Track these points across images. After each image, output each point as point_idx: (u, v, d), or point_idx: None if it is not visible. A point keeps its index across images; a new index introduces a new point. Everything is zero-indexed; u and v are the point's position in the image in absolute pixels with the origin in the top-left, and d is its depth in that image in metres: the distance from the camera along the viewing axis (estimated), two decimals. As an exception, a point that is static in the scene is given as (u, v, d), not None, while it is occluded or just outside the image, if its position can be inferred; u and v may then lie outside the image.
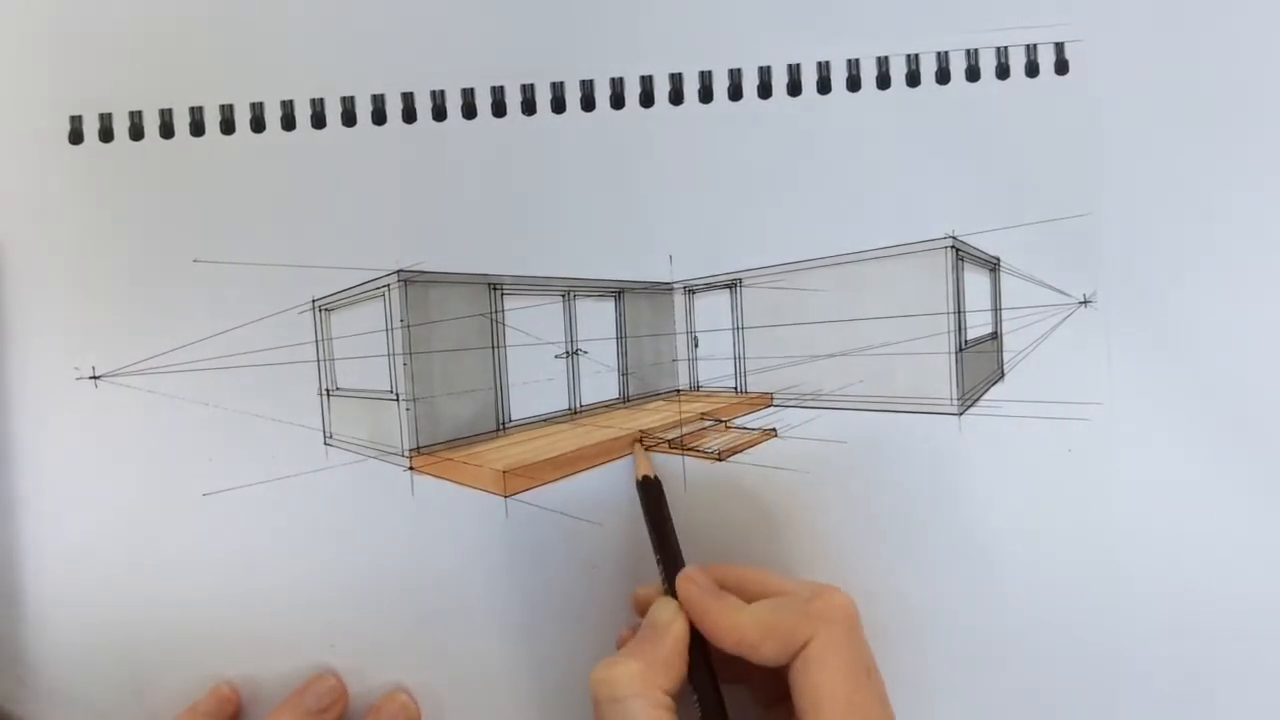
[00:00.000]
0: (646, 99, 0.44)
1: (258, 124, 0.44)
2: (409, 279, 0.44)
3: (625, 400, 0.45)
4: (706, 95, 0.44)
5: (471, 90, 0.44)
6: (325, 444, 0.44)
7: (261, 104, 0.44)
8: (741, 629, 0.37)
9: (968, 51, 0.44)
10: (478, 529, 0.44)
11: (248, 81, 0.44)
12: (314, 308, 0.44)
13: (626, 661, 0.37)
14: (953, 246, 0.44)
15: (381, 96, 0.44)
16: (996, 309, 0.44)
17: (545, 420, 0.45)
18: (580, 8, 0.44)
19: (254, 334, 0.44)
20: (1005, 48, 0.44)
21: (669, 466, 0.44)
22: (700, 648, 0.38)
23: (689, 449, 0.45)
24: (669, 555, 0.40)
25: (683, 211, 0.44)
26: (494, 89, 0.44)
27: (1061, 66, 0.44)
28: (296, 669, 0.44)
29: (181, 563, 0.44)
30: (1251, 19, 0.44)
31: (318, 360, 0.44)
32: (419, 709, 0.44)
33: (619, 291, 0.44)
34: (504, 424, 0.45)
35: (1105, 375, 0.44)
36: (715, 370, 0.45)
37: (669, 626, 0.38)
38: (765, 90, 0.44)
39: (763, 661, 0.37)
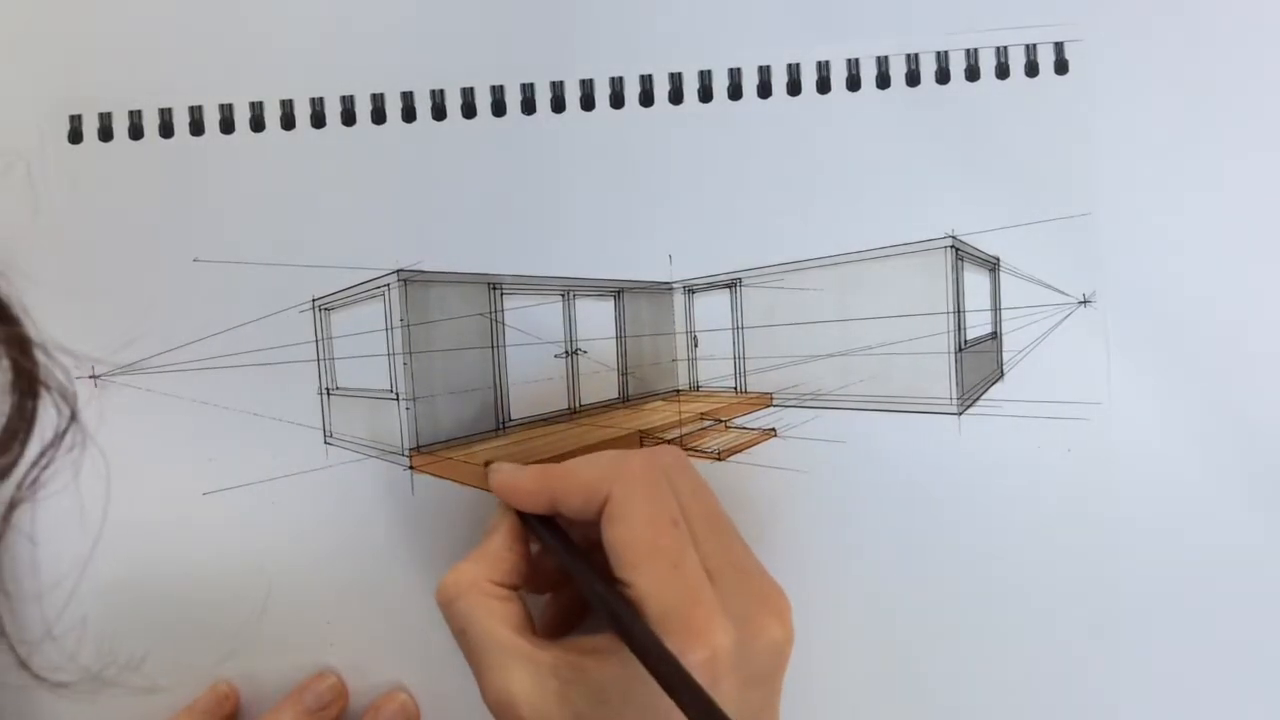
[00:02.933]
0: (646, 99, 0.44)
1: (257, 124, 0.44)
2: (409, 279, 0.44)
3: (625, 400, 0.45)
4: (706, 95, 0.44)
5: (471, 90, 0.44)
6: (325, 443, 0.44)
7: (261, 104, 0.44)
8: (548, 482, 0.38)
9: (968, 51, 0.44)
10: (477, 528, 0.44)
11: (248, 81, 0.44)
12: (314, 307, 0.44)
13: (457, 567, 0.39)
14: (953, 246, 0.44)
15: (381, 96, 0.44)
16: (996, 309, 0.44)
17: (545, 420, 0.45)
18: (580, 8, 0.44)
19: (254, 334, 0.44)
20: (1005, 48, 0.44)
21: (669, 466, 0.44)
22: (543, 520, 0.39)
23: (689, 449, 0.45)
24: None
25: (683, 211, 0.44)
26: (494, 89, 0.44)
27: (1061, 66, 0.44)
28: (296, 668, 0.44)
29: (181, 562, 0.44)
30: (1251, 19, 0.44)
31: (318, 360, 0.44)
32: (419, 709, 0.44)
33: (619, 291, 0.44)
34: (504, 423, 0.45)
35: (1105, 375, 0.44)
36: (715, 370, 0.45)
37: (498, 524, 0.40)
38: (765, 90, 0.44)
39: (575, 515, 0.38)
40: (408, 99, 0.44)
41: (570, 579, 0.41)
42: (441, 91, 0.44)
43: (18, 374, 0.29)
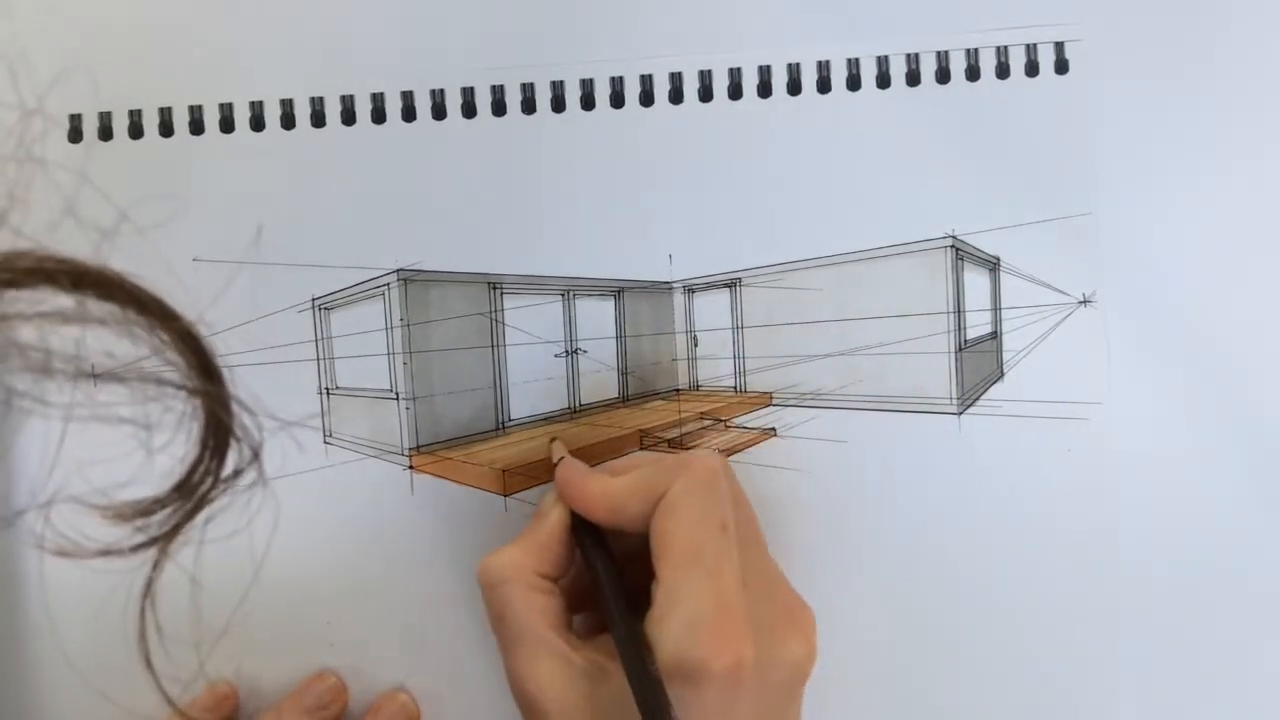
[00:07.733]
0: (646, 99, 0.44)
1: (257, 123, 0.44)
2: (409, 278, 0.44)
3: (625, 400, 0.45)
4: (706, 95, 0.44)
5: (471, 90, 0.44)
6: (325, 443, 0.44)
7: (261, 103, 0.44)
8: (610, 493, 0.38)
9: (968, 51, 0.44)
10: (478, 528, 0.44)
11: (247, 81, 0.44)
12: (314, 307, 0.44)
13: (504, 549, 0.39)
14: (953, 246, 0.44)
15: (381, 95, 0.44)
16: (996, 309, 0.44)
17: (545, 419, 0.45)
18: (581, 6, 0.44)
19: (254, 333, 0.44)
20: (1005, 47, 0.44)
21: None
22: (591, 533, 0.39)
23: (689, 449, 0.45)
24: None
25: (683, 211, 0.44)
26: (494, 89, 0.44)
27: (1061, 66, 0.44)
28: (296, 668, 0.44)
29: (180, 561, 0.43)
30: (1251, 19, 0.44)
31: (318, 359, 0.44)
32: (419, 709, 0.44)
33: (619, 291, 0.44)
34: (504, 423, 0.45)
35: (1105, 375, 0.44)
36: (715, 370, 0.45)
37: (548, 514, 0.40)
38: (765, 90, 0.44)
39: (633, 524, 0.38)
40: (408, 99, 0.44)
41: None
42: (441, 91, 0.44)
43: (214, 426, 0.29)
